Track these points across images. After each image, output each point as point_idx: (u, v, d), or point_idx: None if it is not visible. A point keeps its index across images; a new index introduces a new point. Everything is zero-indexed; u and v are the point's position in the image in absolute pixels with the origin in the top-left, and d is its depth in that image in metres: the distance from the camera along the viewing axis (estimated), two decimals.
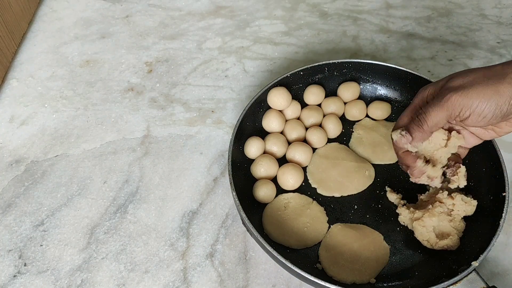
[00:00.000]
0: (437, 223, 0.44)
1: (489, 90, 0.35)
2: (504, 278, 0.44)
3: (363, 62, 0.55)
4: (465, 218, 0.45)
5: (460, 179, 0.42)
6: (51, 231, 0.48)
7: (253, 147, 0.50)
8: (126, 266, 0.45)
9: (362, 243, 0.44)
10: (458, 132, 0.42)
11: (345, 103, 0.56)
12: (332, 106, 0.55)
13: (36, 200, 0.50)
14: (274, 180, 0.49)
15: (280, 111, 0.54)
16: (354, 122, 0.56)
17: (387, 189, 0.49)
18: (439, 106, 0.37)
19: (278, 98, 0.52)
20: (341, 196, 0.49)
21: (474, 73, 0.37)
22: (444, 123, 0.38)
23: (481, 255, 0.39)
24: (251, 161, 0.50)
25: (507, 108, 0.35)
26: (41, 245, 0.47)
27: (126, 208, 0.50)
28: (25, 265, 0.45)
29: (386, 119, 0.56)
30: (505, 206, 0.42)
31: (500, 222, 0.41)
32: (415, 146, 0.39)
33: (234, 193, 0.43)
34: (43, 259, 0.46)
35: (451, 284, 0.38)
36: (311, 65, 0.55)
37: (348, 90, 0.56)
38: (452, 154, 0.43)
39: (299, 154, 0.50)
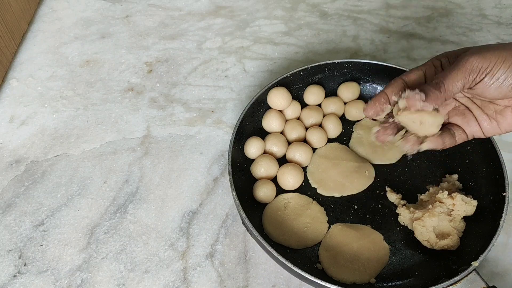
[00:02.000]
0: (437, 223, 0.44)
1: (505, 53, 0.35)
2: (504, 278, 0.44)
3: (363, 62, 0.55)
4: (465, 218, 0.45)
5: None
6: (51, 231, 0.48)
7: (253, 147, 0.50)
8: (126, 266, 0.45)
9: (362, 243, 0.44)
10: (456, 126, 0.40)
11: (345, 103, 0.56)
12: (332, 106, 0.55)
13: (36, 200, 0.50)
14: (274, 180, 0.49)
15: (280, 111, 0.54)
16: (354, 122, 0.56)
17: (387, 189, 0.49)
18: (457, 69, 0.35)
19: (278, 98, 0.52)
20: (341, 196, 0.49)
21: (491, 44, 0.37)
22: (461, 88, 0.36)
23: (481, 255, 0.39)
24: (251, 161, 0.50)
25: None
26: (41, 245, 0.47)
27: (126, 208, 0.50)
28: (25, 265, 0.45)
29: None
30: (505, 206, 0.42)
31: (500, 222, 0.41)
32: (426, 106, 0.36)
33: (234, 193, 0.43)
34: (43, 259, 0.46)
35: (451, 284, 0.38)
36: (311, 65, 0.55)
37: (348, 90, 0.56)
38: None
39: (299, 154, 0.50)
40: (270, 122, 0.52)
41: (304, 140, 0.53)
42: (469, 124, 0.40)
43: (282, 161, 0.51)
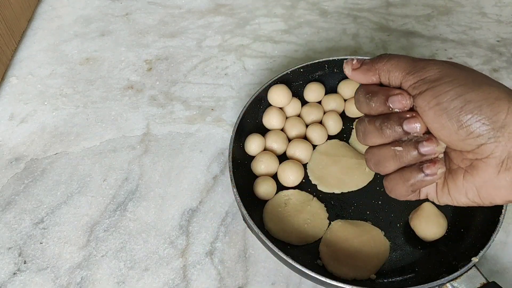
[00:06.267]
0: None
1: (469, 80, 0.27)
2: (503, 275, 0.44)
3: (363, 59, 0.55)
4: (465, 216, 0.45)
5: None
6: (50, 228, 0.48)
7: (253, 144, 0.50)
8: (126, 263, 0.45)
9: (363, 239, 0.44)
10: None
11: (345, 100, 0.56)
12: (332, 103, 0.55)
13: (35, 197, 0.50)
14: (274, 177, 0.49)
15: (280, 108, 0.54)
16: (354, 119, 0.56)
17: None
18: (408, 55, 0.29)
19: (279, 95, 0.52)
20: (341, 193, 0.49)
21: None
22: (400, 76, 0.29)
23: (481, 251, 0.39)
24: (251, 158, 0.50)
25: (474, 110, 0.25)
26: (41, 243, 0.47)
27: (125, 206, 0.50)
28: (24, 262, 0.45)
29: None
30: None
31: (500, 218, 0.41)
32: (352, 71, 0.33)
33: (234, 190, 0.43)
34: (43, 257, 0.46)
35: (451, 280, 0.38)
36: (311, 62, 0.55)
37: (348, 87, 0.56)
38: None
39: (299, 151, 0.50)
40: (271, 119, 0.52)
41: (305, 137, 0.53)
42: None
43: (283, 158, 0.51)
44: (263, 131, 0.53)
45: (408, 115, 0.28)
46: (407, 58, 0.30)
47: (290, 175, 0.48)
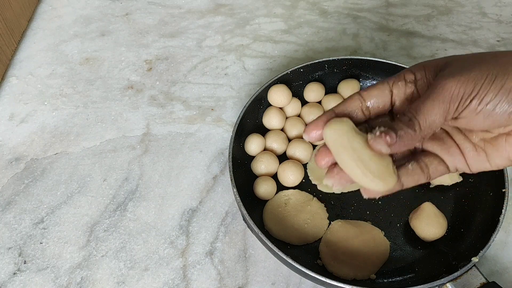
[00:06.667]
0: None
1: (495, 68, 0.27)
2: (503, 275, 0.44)
3: (363, 59, 0.55)
4: (465, 216, 0.45)
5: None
6: (51, 228, 0.48)
7: (253, 144, 0.50)
8: (126, 263, 0.45)
9: (363, 239, 0.44)
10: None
11: None
12: (332, 103, 0.55)
13: (35, 197, 0.50)
14: (274, 177, 0.49)
15: (280, 108, 0.54)
16: None
17: None
18: (433, 99, 0.28)
19: (279, 96, 0.52)
20: (341, 193, 0.49)
21: (473, 55, 0.29)
22: (441, 122, 0.28)
23: (481, 251, 0.39)
24: (251, 158, 0.50)
25: None
26: (41, 243, 0.47)
27: (125, 206, 0.50)
28: (24, 262, 0.45)
29: None
30: (504, 202, 0.42)
31: (500, 218, 0.41)
32: (396, 149, 0.28)
33: (234, 190, 0.43)
34: (43, 257, 0.46)
35: (451, 280, 0.38)
36: (311, 62, 0.55)
37: (348, 87, 0.56)
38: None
39: (299, 151, 0.50)
40: (271, 119, 0.52)
41: None
42: (450, 153, 0.31)
43: (283, 158, 0.51)
44: (263, 131, 0.53)
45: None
46: (427, 100, 0.28)
47: (290, 175, 0.48)
